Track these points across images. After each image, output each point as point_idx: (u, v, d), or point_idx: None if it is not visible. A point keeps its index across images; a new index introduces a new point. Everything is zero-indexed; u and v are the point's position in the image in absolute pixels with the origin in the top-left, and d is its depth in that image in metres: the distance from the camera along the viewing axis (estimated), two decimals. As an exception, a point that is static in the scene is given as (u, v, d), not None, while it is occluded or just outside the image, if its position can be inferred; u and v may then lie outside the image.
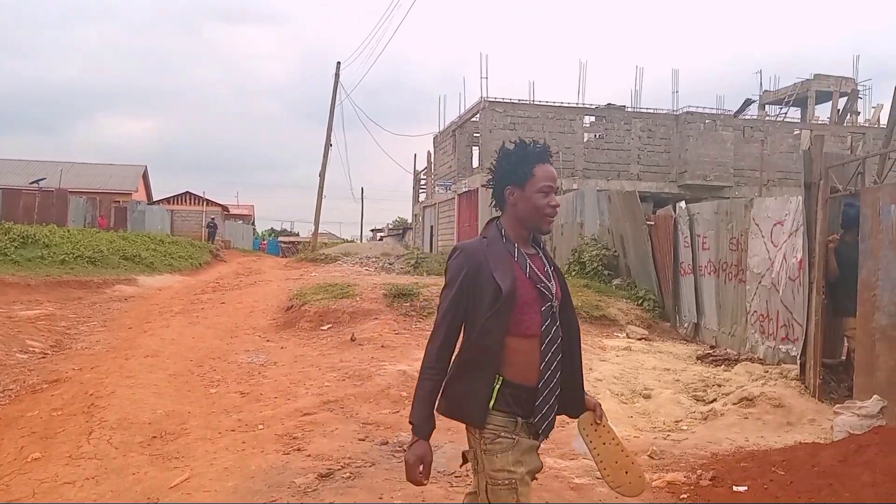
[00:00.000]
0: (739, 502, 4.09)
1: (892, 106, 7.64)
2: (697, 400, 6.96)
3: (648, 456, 5.04)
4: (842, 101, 31.84)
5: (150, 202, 44.76)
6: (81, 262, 17.57)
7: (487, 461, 2.37)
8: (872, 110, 31.34)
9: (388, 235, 49.75)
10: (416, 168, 39.72)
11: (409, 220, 44.17)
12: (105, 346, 9.13)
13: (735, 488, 4.28)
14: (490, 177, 2.57)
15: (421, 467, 2.37)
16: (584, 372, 2.65)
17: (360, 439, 5.36)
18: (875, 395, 5.67)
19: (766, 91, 33.68)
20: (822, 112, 32.81)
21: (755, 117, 30.08)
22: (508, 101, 25.81)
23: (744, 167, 26.05)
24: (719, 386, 7.33)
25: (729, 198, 20.51)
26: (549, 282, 2.46)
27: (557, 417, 2.52)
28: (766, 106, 33.66)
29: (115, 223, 34.07)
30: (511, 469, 2.35)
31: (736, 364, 8.36)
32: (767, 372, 7.65)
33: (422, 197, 38.70)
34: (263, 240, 54.68)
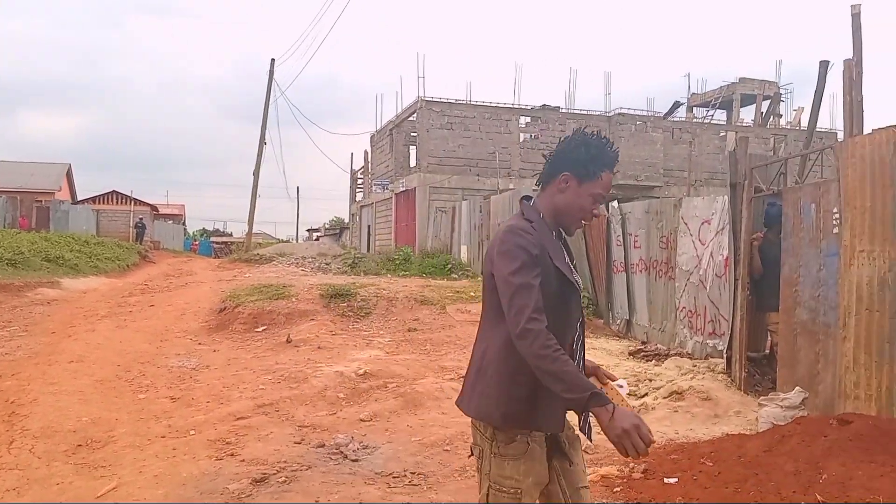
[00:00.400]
0: (670, 494, 4.20)
1: (811, 109, 8.02)
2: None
3: (583, 450, 5.12)
4: (765, 105, 33.11)
5: (75, 202, 43.11)
6: (0, 265, 16.78)
7: (496, 465, 2.26)
8: (793, 113, 32.72)
9: (325, 235, 49.21)
10: (354, 167, 39.45)
11: (347, 220, 43.84)
12: (27, 351, 8.73)
13: (666, 480, 4.40)
14: (555, 151, 2.41)
15: (628, 428, 2.03)
16: None
17: (295, 442, 5.28)
18: (797, 387, 5.92)
19: (693, 94, 34.74)
20: (747, 114, 34.08)
21: (683, 119, 31.03)
22: (446, 100, 25.90)
23: (673, 167, 26.81)
24: (650, 381, 7.51)
25: (659, 197, 21.09)
26: (576, 273, 2.38)
27: None
28: (694, 108, 34.74)
29: (37, 223, 32.70)
30: (519, 478, 2.23)
31: (666, 359, 8.58)
32: (696, 366, 7.89)
33: (359, 196, 38.45)
34: (195, 240, 53.28)
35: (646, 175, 26.31)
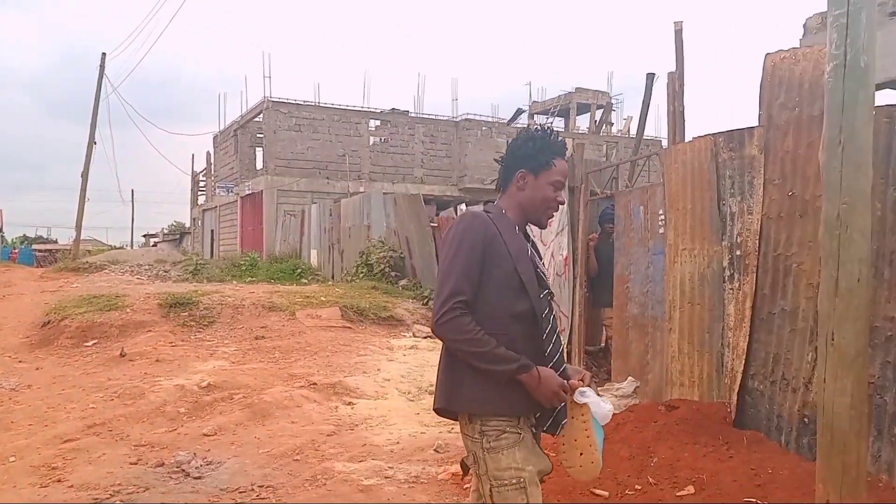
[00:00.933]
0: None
1: (639, 118, 8.62)
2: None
3: (434, 450, 5.19)
4: (598, 113, 35.28)
5: None
6: None
7: (492, 460, 2.18)
8: (624, 122, 35.14)
9: (164, 241, 46.56)
10: (195, 169, 37.65)
11: (188, 225, 41.73)
12: None
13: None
14: (505, 154, 2.42)
15: (557, 390, 2.16)
16: (374, 370, 2.61)
17: (131, 463, 4.93)
18: (629, 377, 6.33)
19: (534, 102, 36.35)
20: (583, 122, 36.14)
21: (526, 126, 32.31)
22: (293, 101, 25.38)
23: (517, 172, 27.84)
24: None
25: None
26: (545, 268, 2.40)
27: None
28: (535, 115, 36.34)
29: None
30: (519, 466, 2.16)
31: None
32: (541, 362, 8.23)
33: (201, 200, 36.76)
34: (14, 248, 48.48)
35: (492, 179, 27.02)
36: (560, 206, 2.37)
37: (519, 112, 32.43)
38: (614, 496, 3.96)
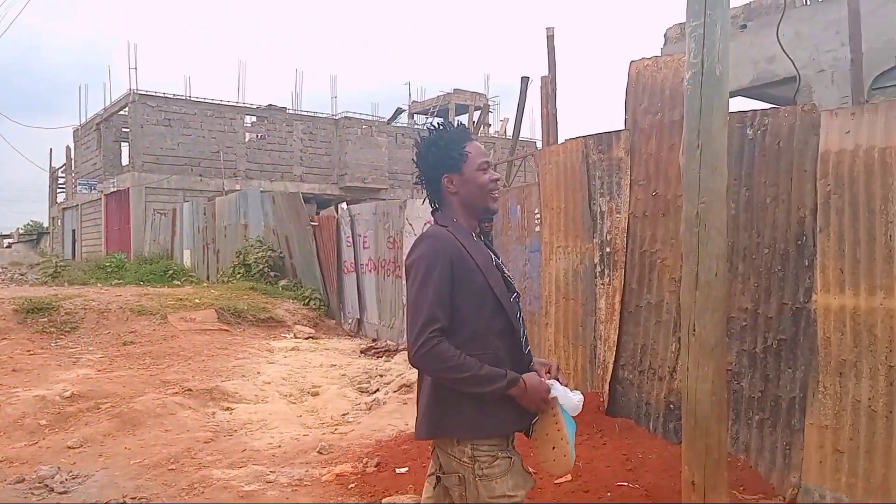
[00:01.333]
0: (402, 484, 4.36)
1: (515, 120, 8.88)
2: (362, 392, 7.27)
3: (318, 452, 5.12)
4: (476, 114, 35.94)
5: None
6: None
7: (485, 488, 2.09)
8: (500, 123, 35.98)
9: (19, 242, 43.08)
10: (54, 165, 35.11)
11: (46, 224, 38.85)
12: None
13: (398, 471, 4.56)
14: (418, 172, 2.31)
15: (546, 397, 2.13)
16: (254, 373, 2.50)
17: (-15, 481, 4.55)
18: (509, 371, 6.50)
19: (414, 101, 36.53)
20: (462, 122, 36.66)
21: (406, 125, 32.46)
22: (162, 95, 24.19)
23: (398, 171, 27.94)
24: (381, 376, 7.75)
25: (386, 199, 21.84)
26: (507, 271, 2.31)
27: None
28: (415, 115, 36.53)
29: None
30: (511, 494, 2.11)
31: (396, 354, 8.93)
32: (423, 359, 8.30)
33: (61, 197, 34.32)
34: None
35: (372, 178, 27.09)
36: (498, 184, 2.29)
37: (399, 111, 32.47)
38: (496, 488, 4.06)
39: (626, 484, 3.79)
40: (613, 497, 3.65)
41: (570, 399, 2.15)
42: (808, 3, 7.95)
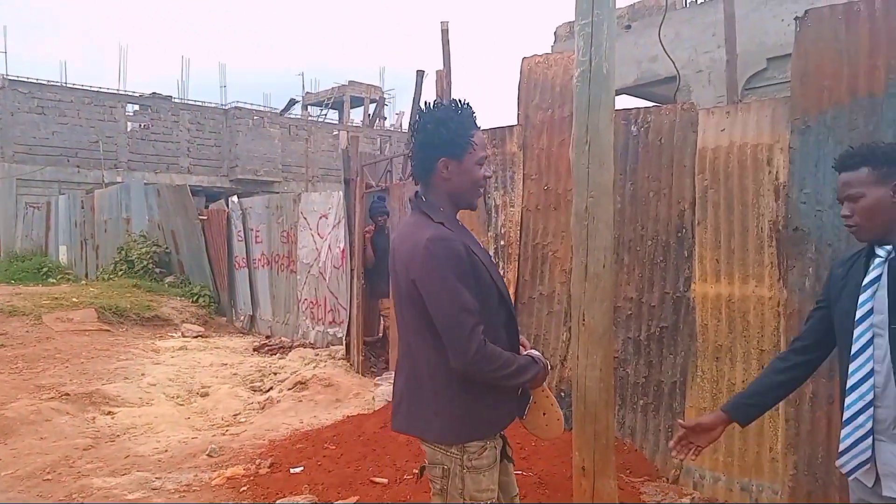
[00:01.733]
0: (297, 483, 4.27)
1: (411, 113, 8.86)
2: (255, 390, 7.08)
3: (207, 455, 4.94)
4: (372, 107, 35.74)
5: None
6: None
7: (472, 481, 2.06)
8: (396, 116, 35.94)
9: None
10: None
11: None
12: None
13: (292, 470, 4.46)
14: (415, 144, 2.15)
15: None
16: (138, 375, 2.36)
17: None
18: (406, 365, 6.50)
19: (308, 93, 35.93)
20: (357, 115, 36.39)
21: (299, 117, 31.86)
22: (35, 80, 22.61)
23: (291, 163, 27.36)
24: (275, 374, 7.57)
25: (279, 192, 21.34)
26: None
27: None
28: (309, 107, 35.93)
29: None
30: (493, 488, 2.12)
31: (290, 351, 8.75)
32: (318, 355, 8.17)
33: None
34: None
35: (265, 170, 26.40)
36: (487, 182, 2.22)
37: (292, 102, 31.87)
38: (393, 482, 4.04)
39: (519, 472, 3.86)
40: (508, 486, 3.71)
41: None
42: (688, 5, 8.37)
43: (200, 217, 12.17)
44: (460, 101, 2.14)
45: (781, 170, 3.70)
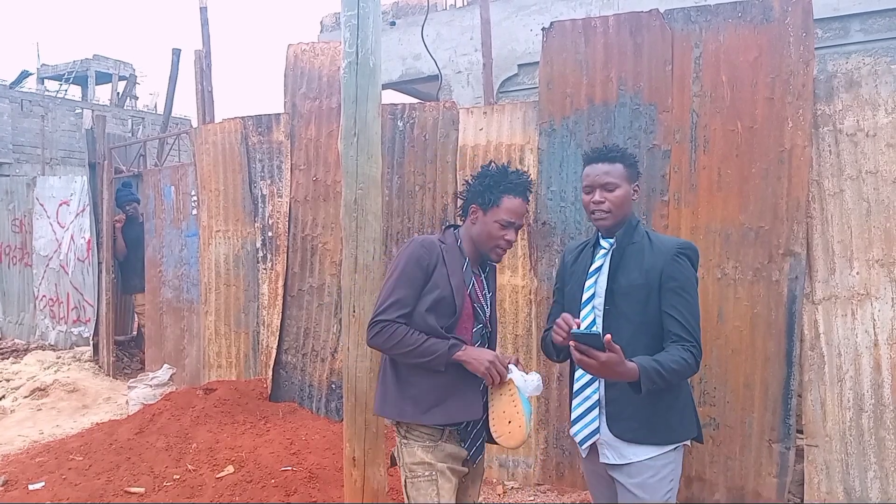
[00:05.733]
0: (37, 501, 3.82)
1: (167, 94, 8.22)
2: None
3: None
4: (122, 86, 32.78)
5: None
6: None
7: (407, 453, 2.27)
8: (151, 97, 33.32)
9: None
10: None
11: None
12: None
13: (31, 487, 3.99)
14: (466, 187, 2.42)
15: (491, 359, 2.20)
16: None
17: None
18: (165, 364, 6.11)
19: (44, 64, 32.04)
20: (103, 94, 33.18)
21: (34, 91, 28.30)
22: None
23: (24, 143, 24.22)
24: (8, 381, 6.69)
25: (9, 175, 18.81)
26: (486, 306, 2.39)
27: None
28: (45, 80, 32.08)
29: None
30: (430, 462, 2.24)
31: (26, 354, 7.79)
32: (60, 358, 7.38)
33: None
34: None
35: (-9, 150, 23.09)
36: (509, 245, 2.35)
37: (25, 74, 28.15)
38: (151, 490, 3.78)
39: (290, 468, 3.81)
40: (277, 483, 3.65)
41: (526, 382, 2.24)
42: (448, 7, 8.74)
43: None
44: (518, 170, 2.40)
45: (532, 168, 4.02)
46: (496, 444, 2.31)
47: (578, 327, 1.99)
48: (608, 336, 1.87)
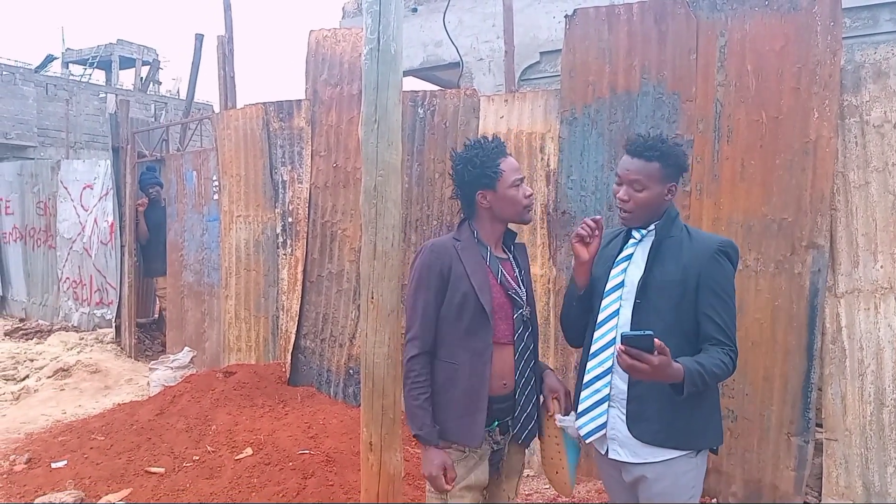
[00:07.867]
0: (60, 479, 3.90)
1: (189, 80, 8.27)
2: (7, 380, 6.32)
3: None
4: (145, 70, 33.00)
5: None
6: None
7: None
8: (173, 82, 33.51)
9: None
10: None
11: None
12: None
13: (54, 465, 4.07)
14: (455, 186, 2.37)
15: (444, 473, 2.17)
16: None
17: None
18: (186, 347, 6.18)
19: (69, 49, 32.33)
20: (127, 78, 33.43)
21: (59, 76, 28.59)
22: None
23: (49, 127, 24.50)
24: (32, 361, 6.81)
25: (34, 159, 19.09)
26: (520, 288, 2.33)
27: None
28: (70, 64, 32.39)
29: None
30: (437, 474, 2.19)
31: (50, 335, 7.91)
32: (83, 339, 7.49)
33: None
34: None
35: (17, 133, 23.36)
36: (532, 199, 2.34)
37: (50, 58, 28.43)
38: (171, 471, 3.84)
39: (307, 451, 3.85)
40: (295, 466, 3.69)
41: (575, 429, 2.21)
42: (471, -6, 8.69)
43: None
44: (483, 138, 2.37)
45: (552, 157, 4.00)
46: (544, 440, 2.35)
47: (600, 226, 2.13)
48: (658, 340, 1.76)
